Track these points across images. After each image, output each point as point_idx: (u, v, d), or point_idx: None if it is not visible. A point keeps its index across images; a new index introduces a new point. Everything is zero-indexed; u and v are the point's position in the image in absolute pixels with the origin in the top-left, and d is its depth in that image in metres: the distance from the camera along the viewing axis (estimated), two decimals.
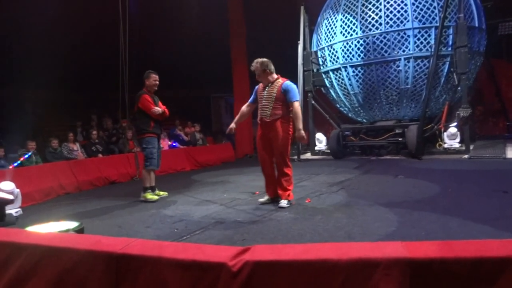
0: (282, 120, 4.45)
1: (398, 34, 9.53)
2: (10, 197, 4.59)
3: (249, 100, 4.81)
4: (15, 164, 6.58)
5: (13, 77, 10.76)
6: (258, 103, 4.61)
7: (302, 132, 4.42)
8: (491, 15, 10.63)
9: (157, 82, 5.58)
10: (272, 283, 1.38)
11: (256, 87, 4.75)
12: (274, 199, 4.67)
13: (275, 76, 4.54)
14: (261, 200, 4.74)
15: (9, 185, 4.75)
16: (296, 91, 4.50)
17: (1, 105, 11.25)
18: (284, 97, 4.41)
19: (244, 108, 4.83)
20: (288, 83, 4.50)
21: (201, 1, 11.91)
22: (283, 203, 4.45)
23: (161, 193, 5.72)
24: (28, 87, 11.34)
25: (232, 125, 4.81)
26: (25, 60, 9.80)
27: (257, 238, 3.25)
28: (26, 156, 7.03)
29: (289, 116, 4.51)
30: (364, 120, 11.44)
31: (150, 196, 5.44)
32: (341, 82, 10.86)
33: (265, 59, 4.51)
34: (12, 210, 4.66)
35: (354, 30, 10.08)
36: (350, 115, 11.89)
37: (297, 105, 4.41)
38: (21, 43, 10.45)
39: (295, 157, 10.29)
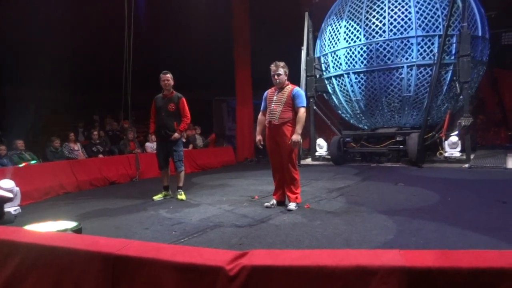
0: (290, 124, 4.54)
1: (402, 42, 9.56)
2: (10, 195, 4.59)
3: (262, 108, 4.89)
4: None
5: (16, 76, 10.80)
6: (268, 107, 4.70)
7: (299, 137, 4.48)
8: (494, 24, 10.67)
9: (166, 82, 5.50)
10: None
11: (264, 94, 4.82)
12: (280, 203, 4.75)
13: (286, 81, 4.66)
14: (267, 204, 4.76)
15: (8, 183, 4.75)
16: (304, 98, 4.64)
17: (3, 105, 11.29)
18: (293, 102, 4.53)
19: (260, 117, 4.91)
20: (298, 89, 4.66)
21: (206, 5, 11.96)
22: (291, 205, 4.53)
23: (167, 193, 5.77)
24: (31, 87, 11.38)
25: (259, 137, 4.84)
26: (28, 60, 9.84)
27: (255, 243, 3.24)
28: (33, 162, 7.07)
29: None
30: (366, 127, 11.45)
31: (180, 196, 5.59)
32: (344, 89, 10.88)
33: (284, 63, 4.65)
34: (11, 208, 4.65)
35: (357, 37, 10.12)
36: (351, 121, 11.90)
37: (303, 111, 4.53)
38: (24, 43, 10.50)
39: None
